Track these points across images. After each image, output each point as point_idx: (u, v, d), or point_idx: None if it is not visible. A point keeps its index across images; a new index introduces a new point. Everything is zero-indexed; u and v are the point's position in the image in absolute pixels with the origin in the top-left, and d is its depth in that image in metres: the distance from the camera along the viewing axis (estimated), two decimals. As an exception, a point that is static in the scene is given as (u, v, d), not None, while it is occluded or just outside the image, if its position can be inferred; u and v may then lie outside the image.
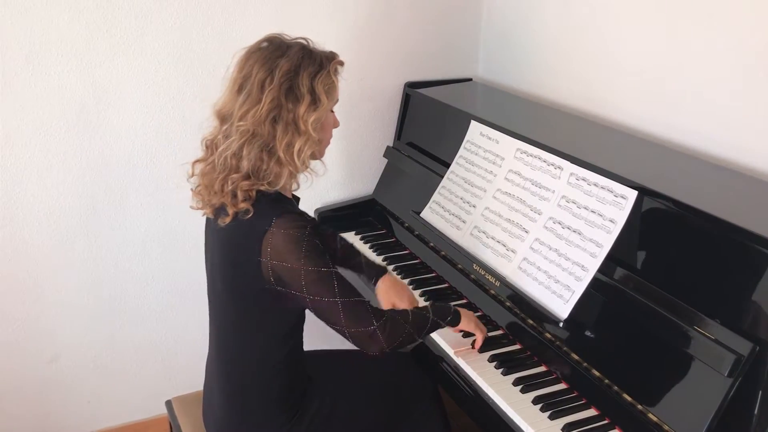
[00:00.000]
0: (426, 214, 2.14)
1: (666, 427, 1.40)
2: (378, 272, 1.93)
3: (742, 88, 1.75)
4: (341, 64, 1.58)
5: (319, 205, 2.54)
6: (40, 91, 2.08)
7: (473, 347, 1.75)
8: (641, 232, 1.59)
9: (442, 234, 2.04)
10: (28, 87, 2.07)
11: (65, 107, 2.12)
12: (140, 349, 2.47)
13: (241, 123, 1.50)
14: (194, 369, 2.08)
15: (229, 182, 1.51)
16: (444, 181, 2.13)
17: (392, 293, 1.88)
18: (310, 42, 1.58)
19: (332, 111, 1.63)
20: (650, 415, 1.43)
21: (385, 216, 2.43)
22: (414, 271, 2.13)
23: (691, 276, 1.48)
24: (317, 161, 1.64)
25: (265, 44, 1.54)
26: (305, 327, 1.70)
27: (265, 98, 1.48)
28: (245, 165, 1.50)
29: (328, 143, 1.66)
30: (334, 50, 1.60)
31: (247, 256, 1.51)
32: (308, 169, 1.59)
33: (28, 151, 2.12)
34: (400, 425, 1.81)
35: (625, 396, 1.49)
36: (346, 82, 2.39)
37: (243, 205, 1.50)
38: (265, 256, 1.49)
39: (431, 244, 2.15)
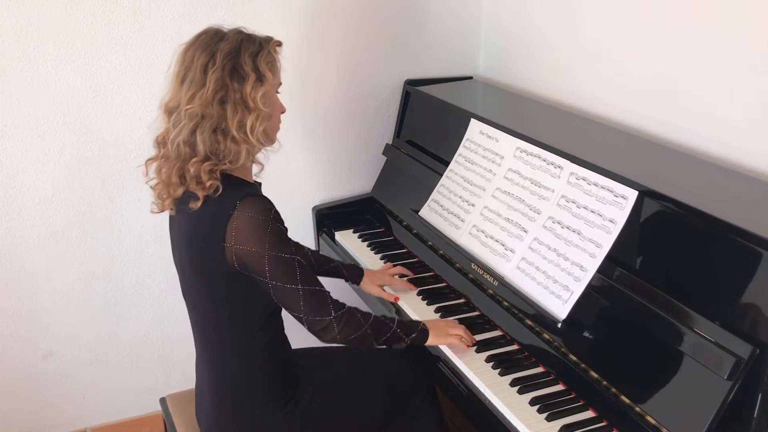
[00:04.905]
0: (425, 212, 2.13)
1: (664, 430, 1.38)
2: (359, 269, 2.04)
3: (743, 88, 1.74)
4: (279, 44, 1.60)
5: (317, 203, 2.53)
6: (37, 85, 2.07)
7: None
8: (641, 232, 1.58)
9: (441, 233, 2.02)
10: (25, 81, 2.05)
11: (62, 102, 2.11)
12: (136, 345, 2.46)
13: (188, 107, 1.50)
14: (190, 366, 2.07)
15: (191, 169, 1.51)
16: (443, 180, 2.12)
17: (376, 278, 2.01)
18: (245, 29, 1.59)
19: (278, 93, 1.63)
20: (648, 418, 1.42)
21: (383, 214, 2.42)
22: (412, 270, 2.11)
23: (691, 277, 1.47)
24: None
25: (202, 36, 1.56)
26: (300, 324, 1.69)
27: (209, 80, 1.49)
28: (201, 148, 1.51)
29: (278, 127, 1.66)
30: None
31: (212, 242, 1.52)
32: (263, 147, 1.61)
33: (24, 145, 2.11)
34: (395, 421, 1.80)
35: (624, 398, 1.48)
36: (345, 79, 2.42)
37: (210, 183, 1.50)
38: (229, 240, 1.50)
39: (429, 243, 2.14)
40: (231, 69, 1.50)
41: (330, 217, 2.48)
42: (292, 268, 1.53)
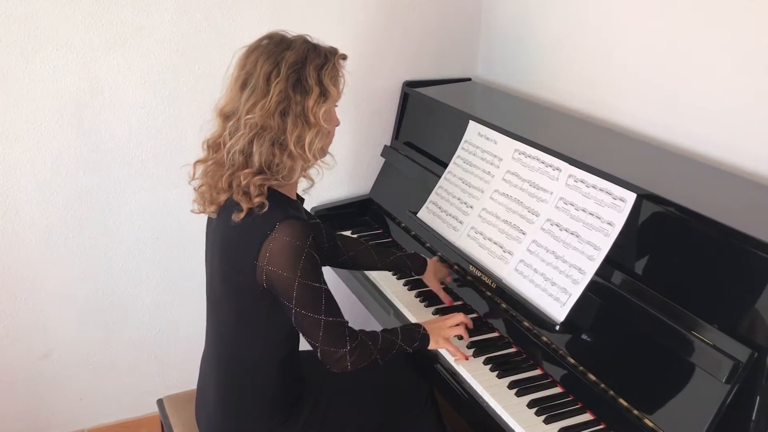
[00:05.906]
0: (423, 214, 2.12)
1: (662, 433, 1.38)
2: (422, 260, 2.00)
3: (742, 91, 1.74)
4: (344, 57, 1.58)
5: (315, 204, 2.52)
6: (35, 86, 2.06)
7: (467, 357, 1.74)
8: (639, 235, 1.58)
9: (439, 234, 2.02)
10: (22, 81, 2.05)
11: (60, 102, 2.10)
12: (133, 346, 2.45)
13: (249, 117, 1.47)
14: (187, 367, 2.07)
15: (242, 178, 1.48)
16: (441, 182, 2.11)
17: (439, 272, 1.99)
18: (311, 38, 1.56)
19: (335, 107, 1.61)
20: (646, 421, 1.42)
21: (381, 216, 2.42)
22: (410, 272, 2.11)
23: (689, 280, 1.47)
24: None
25: (266, 41, 1.53)
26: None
27: (272, 90, 1.46)
28: (256, 160, 1.48)
29: (332, 140, 1.63)
30: (332, 46, 1.59)
31: (244, 257, 1.50)
32: (318, 163, 1.59)
33: (21, 146, 2.10)
34: (395, 427, 1.80)
35: (621, 401, 1.48)
36: (344, 80, 2.41)
37: (258, 200, 1.48)
38: (261, 260, 1.48)
39: (428, 245, 2.14)
40: (295, 81, 1.47)
41: (328, 219, 2.48)
42: (319, 299, 1.51)
